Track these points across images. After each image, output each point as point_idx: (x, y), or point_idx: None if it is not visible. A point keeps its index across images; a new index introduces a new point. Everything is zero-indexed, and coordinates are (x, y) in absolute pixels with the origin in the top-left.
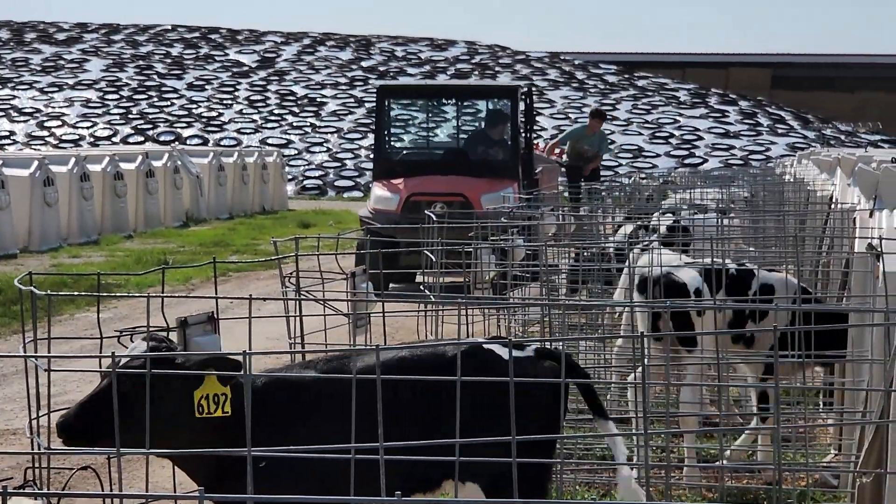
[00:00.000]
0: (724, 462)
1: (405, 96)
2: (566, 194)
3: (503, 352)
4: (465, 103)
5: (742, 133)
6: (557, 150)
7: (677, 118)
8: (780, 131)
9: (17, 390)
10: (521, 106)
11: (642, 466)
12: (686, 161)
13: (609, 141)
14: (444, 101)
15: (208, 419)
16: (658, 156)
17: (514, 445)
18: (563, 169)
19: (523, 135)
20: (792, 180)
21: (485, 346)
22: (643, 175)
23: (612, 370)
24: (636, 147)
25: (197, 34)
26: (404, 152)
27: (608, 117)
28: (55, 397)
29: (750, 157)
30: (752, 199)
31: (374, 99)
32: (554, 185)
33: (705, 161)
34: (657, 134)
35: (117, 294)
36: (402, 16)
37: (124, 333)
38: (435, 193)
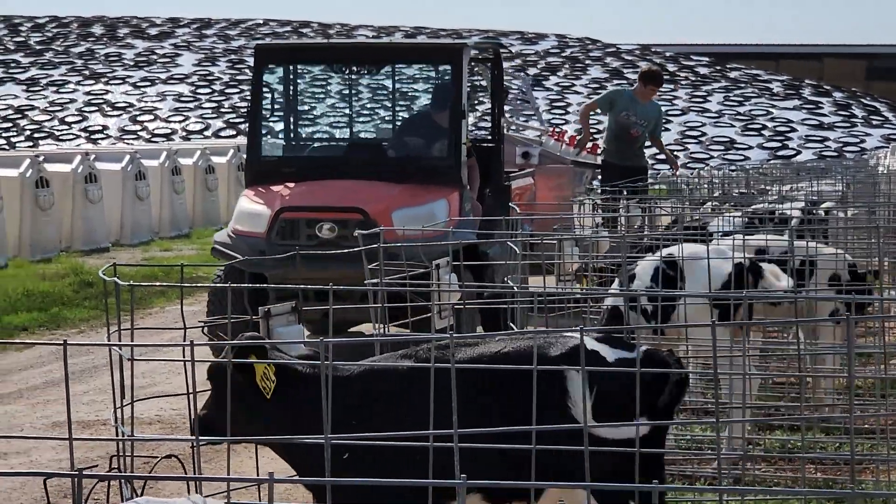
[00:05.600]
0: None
1: (295, 61)
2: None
3: (608, 352)
4: (387, 74)
5: (836, 125)
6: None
7: (770, 110)
8: (874, 123)
9: (109, 381)
10: (481, 77)
11: (715, 458)
12: (779, 153)
13: (665, 119)
14: (354, 70)
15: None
16: (750, 148)
17: (585, 434)
18: (597, 168)
19: (492, 118)
20: (885, 172)
21: (589, 347)
22: (733, 167)
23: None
24: (728, 139)
25: (289, 28)
26: (293, 146)
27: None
28: (145, 388)
29: (844, 148)
30: (845, 191)
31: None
32: (563, 191)
33: (798, 153)
34: (749, 126)
35: (199, 285)
36: (494, 10)
37: (208, 324)
38: (319, 208)
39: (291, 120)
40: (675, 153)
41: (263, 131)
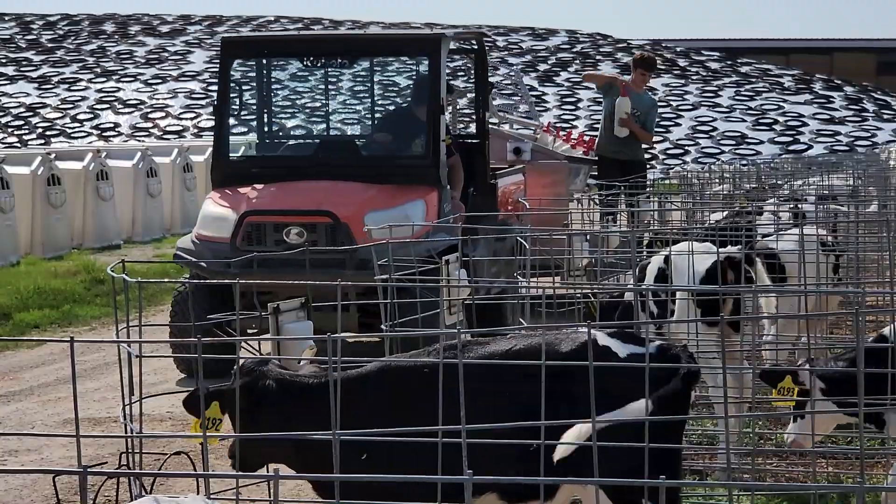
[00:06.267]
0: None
1: (263, 55)
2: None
3: (619, 348)
4: (362, 68)
5: (847, 119)
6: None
7: (781, 104)
8: (885, 117)
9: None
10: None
11: (724, 451)
12: (790, 148)
13: (659, 113)
14: (326, 63)
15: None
16: (762, 142)
17: (594, 427)
18: (594, 164)
19: (475, 113)
20: None
21: (600, 342)
22: (744, 162)
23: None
24: (739, 134)
25: (300, 25)
26: (263, 145)
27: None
28: (156, 385)
29: (855, 143)
30: (856, 185)
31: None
32: (557, 188)
33: (810, 147)
34: (761, 120)
35: (207, 281)
36: (503, 5)
37: (215, 320)
38: (286, 212)
39: (261, 117)
40: (686, 148)
41: (231, 129)
